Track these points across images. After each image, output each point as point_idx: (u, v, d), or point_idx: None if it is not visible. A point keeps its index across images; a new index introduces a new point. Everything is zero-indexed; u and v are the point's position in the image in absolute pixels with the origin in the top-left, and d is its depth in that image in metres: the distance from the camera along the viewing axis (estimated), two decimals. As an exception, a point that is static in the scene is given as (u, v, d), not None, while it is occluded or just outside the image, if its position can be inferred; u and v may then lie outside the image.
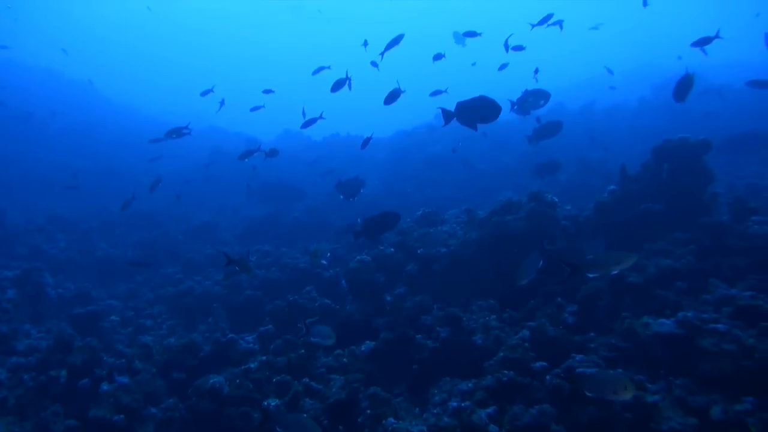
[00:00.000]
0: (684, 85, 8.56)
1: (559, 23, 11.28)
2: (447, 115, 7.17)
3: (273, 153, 12.40)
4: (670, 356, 5.72)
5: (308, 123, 12.30)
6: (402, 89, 10.48)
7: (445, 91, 14.04)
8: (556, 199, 9.04)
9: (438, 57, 14.59)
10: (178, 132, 12.48)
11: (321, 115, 12.01)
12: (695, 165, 8.72)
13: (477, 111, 7.00)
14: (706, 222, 8.09)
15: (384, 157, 22.65)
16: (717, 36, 9.56)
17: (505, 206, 9.10)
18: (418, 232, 10.11)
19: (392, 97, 10.49)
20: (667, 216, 8.41)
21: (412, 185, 18.69)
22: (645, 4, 15.66)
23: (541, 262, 6.31)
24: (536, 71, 11.94)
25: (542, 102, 10.74)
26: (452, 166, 19.68)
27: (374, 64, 14.76)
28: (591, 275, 5.55)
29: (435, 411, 5.80)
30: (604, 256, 6.33)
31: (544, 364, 6.05)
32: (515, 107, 10.96)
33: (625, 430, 5.20)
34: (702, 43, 9.78)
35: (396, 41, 12.58)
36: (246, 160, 12.79)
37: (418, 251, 9.52)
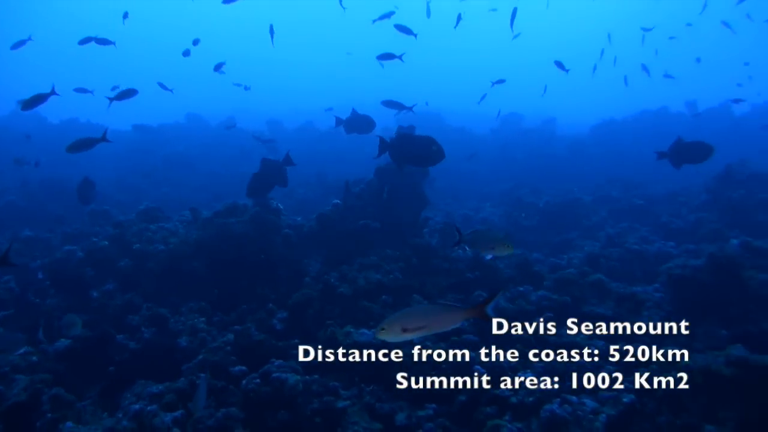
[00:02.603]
0: None
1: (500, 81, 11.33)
2: (383, 146, 6.82)
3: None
4: (367, 365, 5.87)
5: (36, 100, 10.43)
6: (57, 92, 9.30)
7: (171, 90, 14.69)
8: (281, 206, 9.07)
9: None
10: None
11: (53, 90, 10.00)
12: (413, 189, 9.32)
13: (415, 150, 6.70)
14: (417, 242, 8.67)
15: (120, 150, 21.15)
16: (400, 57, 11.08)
17: (230, 208, 8.91)
18: (138, 227, 9.48)
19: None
20: (382, 233, 8.85)
21: (148, 182, 17.77)
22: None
23: None
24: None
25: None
26: (195, 167, 19.16)
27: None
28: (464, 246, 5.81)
29: (119, 415, 5.38)
30: (483, 235, 6.22)
31: (243, 368, 5.95)
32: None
33: (312, 435, 5.26)
34: (386, 57, 11.14)
35: None
36: None
37: (135, 246, 8.93)
